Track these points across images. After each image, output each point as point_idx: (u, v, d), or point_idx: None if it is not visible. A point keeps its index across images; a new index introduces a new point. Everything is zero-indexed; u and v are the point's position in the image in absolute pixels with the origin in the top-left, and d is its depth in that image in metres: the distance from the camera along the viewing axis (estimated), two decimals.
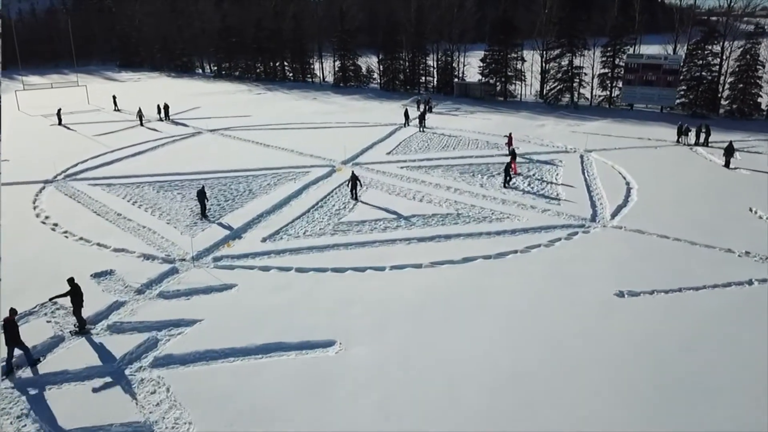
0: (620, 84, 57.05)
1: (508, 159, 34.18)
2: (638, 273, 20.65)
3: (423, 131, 46.37)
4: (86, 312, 17.45)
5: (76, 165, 36.68)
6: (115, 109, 59.26)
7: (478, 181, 32.44)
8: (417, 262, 21.60)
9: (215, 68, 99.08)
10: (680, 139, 41.73)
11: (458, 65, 70.11)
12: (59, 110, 52.27)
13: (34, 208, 28.53)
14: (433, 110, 56.28)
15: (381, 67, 74.96)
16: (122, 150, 40.68)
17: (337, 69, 79.11)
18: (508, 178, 31.30)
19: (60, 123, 51.08)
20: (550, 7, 62.90)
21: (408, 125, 48.85)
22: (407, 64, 73.11)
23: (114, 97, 60.61)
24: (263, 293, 19.41)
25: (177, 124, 51.52)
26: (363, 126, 49.38)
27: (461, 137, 44.12)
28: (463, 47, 69.69)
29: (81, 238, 24.39)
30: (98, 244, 23.66)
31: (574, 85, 59.37)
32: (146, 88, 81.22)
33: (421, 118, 47.57)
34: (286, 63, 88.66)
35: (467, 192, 30.47)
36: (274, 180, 33.01)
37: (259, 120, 52.46)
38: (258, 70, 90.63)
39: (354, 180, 29.32)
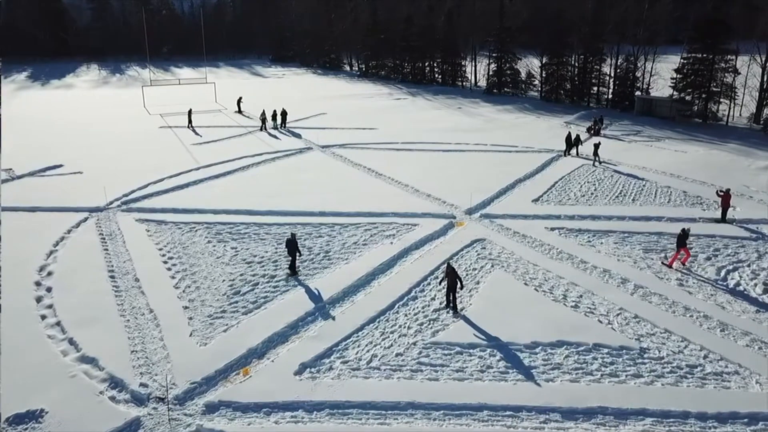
0: None
1: (734, 232, 21.73)
2: None
3: (600, 164, 34.40)
4: None
5: (146, 186, 30.32)
6: (236, 111, 53.99)
7: (675, 273, 20.40)
8: None
9: (362, 66, 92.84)
10: None
11: (642, 75, 55.80)
12: (190, 111, 47.37)
13: (50, 253, 21.93)
14: (601, 132, 43.53)
15: (543, 72, 62.76)
16: (208, 168, 33.86)
17: (491, 73, 68.26)
18: None
19: (190, 125, 46.17)
20: None
21: (569, 154, 37.07)
22: (576, 70, 60.18)
23: (239, 99, 55.25)
24: None
25: (291, 133, 44.47)
26: (508, 151, 38.41)
27: (645, 181, 31.42)
28: (651, 52, 55.11)
29: (57, 324, 16.91)
30: (69, 342, 15.98)
31: None
32: (284, 86, 76.86)
33: (595, 147, 35.07)
34: (435, 64, 79.48)
35: (657, 295, 18.69)
36: (365, 236, 23.65)
37: (385, 135, 43.63)
38: (404, 71, 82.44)
39: (453, 277, 17.52)
